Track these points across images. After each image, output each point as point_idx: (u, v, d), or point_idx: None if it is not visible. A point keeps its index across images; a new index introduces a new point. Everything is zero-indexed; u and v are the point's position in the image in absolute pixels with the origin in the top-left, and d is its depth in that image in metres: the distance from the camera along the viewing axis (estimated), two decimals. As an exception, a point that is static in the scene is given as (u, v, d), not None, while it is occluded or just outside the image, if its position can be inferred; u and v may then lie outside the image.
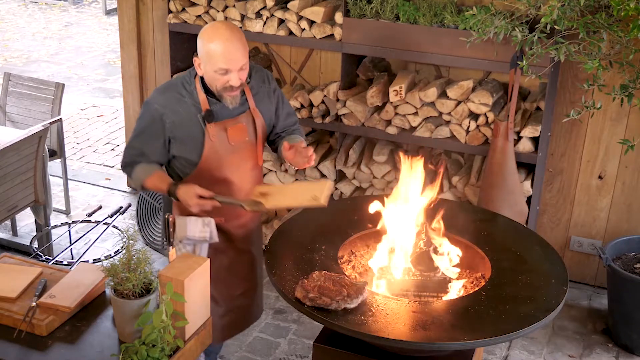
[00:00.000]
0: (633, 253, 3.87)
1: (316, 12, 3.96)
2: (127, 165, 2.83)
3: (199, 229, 2.67)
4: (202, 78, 2.71)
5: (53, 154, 4.78)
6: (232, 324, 3.05)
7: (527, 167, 3.93)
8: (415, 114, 3.88)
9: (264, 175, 4.30)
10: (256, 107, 2.82)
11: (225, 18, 4.18)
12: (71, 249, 4.38)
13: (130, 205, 4.35)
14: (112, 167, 5.86)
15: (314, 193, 2.59)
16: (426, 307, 2.48)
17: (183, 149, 2.75)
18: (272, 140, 3.01)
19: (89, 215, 4.33)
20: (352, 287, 2.46)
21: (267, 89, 2.89)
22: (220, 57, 2.59)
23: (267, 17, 4.10)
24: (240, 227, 2.92)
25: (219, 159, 2.75)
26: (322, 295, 2.41)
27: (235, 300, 3.00)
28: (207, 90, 2.71)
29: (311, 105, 4.14)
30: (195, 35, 4.53)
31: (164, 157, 2.80)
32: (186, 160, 2.77)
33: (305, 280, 2.49)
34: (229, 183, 2.80)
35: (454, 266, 2.75)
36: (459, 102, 3.80)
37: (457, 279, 2.74)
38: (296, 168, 3.02)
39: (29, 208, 4.29)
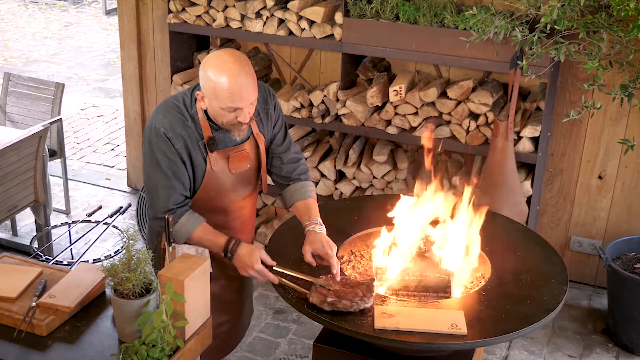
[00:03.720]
0: (633, 253, 3.87)
1: (316, 12, 3.96)
2: (163, 216, 2.48)
3: (194, 248, 2.57)
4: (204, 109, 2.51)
5: (53, 154, 4.78)
6: (218, 349, 2.89)
7: (527, 167, 3.93)
8: (415, 114, 3.88)
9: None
10: (259, 132, 2.67)
11: (225, 18, 4.18)
12: (71, 249, 4.38)
13: (130, 205, 4.35)
14: (112, 167, 5.87)
15: (453, 321, 2.36)
16: (426, 307, 2.48)
17: (189, 173, 2.56)
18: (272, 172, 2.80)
19: (89, 215, 4.33)
20: (362, 286, 2.45)
21: (269, 108, 2.71)
22: (229, 95, 2.38)
23: (267, 17, 4.10)
24: None
25: (219, 188, 2.60)
26: (342, 299, 2.38)
27: (222, 326, 2.87)
28: (209, 116, 2.52)
29: (311, 105, 4.14)
30: (196, 35, 4.57)
31: (189, 185, 2.55)
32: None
33: (319, 286, 2.44)
34: (226, 212, 2.67)
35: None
36: (459, 102, 3.80)
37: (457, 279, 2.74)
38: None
39: (29, 208, 4.29)
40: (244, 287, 2.97)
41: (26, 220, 4.81)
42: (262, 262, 2.51)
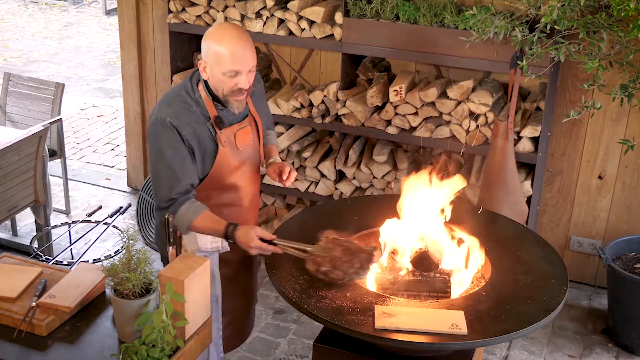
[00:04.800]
0: (633, 253, 3.87)
1: (316, 12, 3.96)
2: (168, 206, 2.58)
3: (210, 240, 2.62)
4: (205, 84, 2.61)
5: (53, 154, 4.78)
6: (233, 336, 3.00)
7: (527, 167, 3.93)
8: (415, 114, 3.88)
9: (264, 175, 4.30)
10: (255, 111, 2.80)
11: (225, 18, 4.18)
12: (71, 249, 4.38)
13: (130, 205, 4.36)
14: (112, 167, 5.87)
15: (454, 321, 2.36)
16: (426, 307, 2.48)
17: (197, 160, 2.63)
18: None
19: (89, 215, 4.33)
20: (362, 255, 2.40)
21: (260, 89, 2.86)
22: (230, 58, 2.49)
23: (267, 17, 4.10)
24: None
25: (229, 165, 2.68)
26: (335, 269, 2.33)
27: (235, 311, 2.96)
28: (212, 97, 2.62)
29: (311, 105, 4.14)
30: (196, 35, 4.57)
31: (196, 176, 2.63)
32: (198, 171, 2.66)
33: (315, 253, 2.40)
34: (237, 189, 2.75)
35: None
36: (459, 102, 3.80)
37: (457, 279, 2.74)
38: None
39: (29, 208, 4.29)
40: (254, 273, 3.04)
41: (26, 220, 4.81)
42: (262, 239, 2.58)
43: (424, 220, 2.78)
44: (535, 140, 3.76)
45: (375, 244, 2.81)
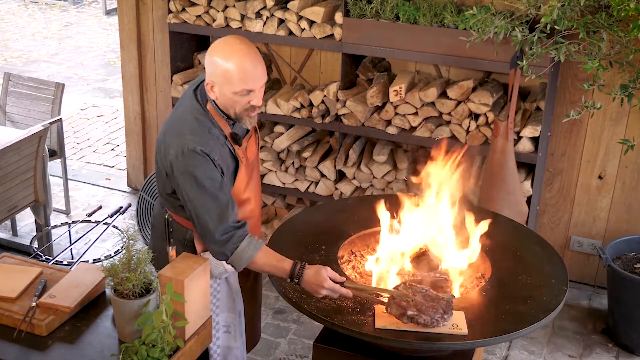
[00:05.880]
0: (633, 253, 3.87)
1: (316, 12, 3.96)
2: (228, 239, 2.39)
3: (214, 265, 2.49)
4: (214, 101, 2.45)
5: (53, 154, 4.78)
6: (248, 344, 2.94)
7: (527, 167, 3.93)
8: (415, 114, 3.88)
9: (264, 175, 4.31)
10: None
11: (225, 18, 4.18)
12: (71, 249, 4.38)
13: (130, 205, 4.35)
14: (112, 167, 5.87)
15: (454, 321, 2.37)
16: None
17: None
18: None
19: (89, 215, 4.33)
20: (442, 302, 2.35)
21: None
22: (242, 77, 2.32)
23: (267, 17, 4.10)
24: None
25: (246, 179, 2.57)
26: (422, 313, 2.29)
27: (249, 319, 2.90)
28: (221, 110, 2.47)
29: (311, 105, 4.14)
30: (196, 35, 4.57)
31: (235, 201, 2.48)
32: None
33: (396, 298, 2.33)
34: (251, 201, 2.64)
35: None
36: (459, 102, 3.80)
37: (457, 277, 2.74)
38: None
39: (29, 208, 4.29)
40: (258, 282, 2.98)
41: (26, 220, 4.81)
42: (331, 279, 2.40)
43: (426, 221, 2.78)
44: (535, 140, 3.76)
45: (373, 247, 2.81)
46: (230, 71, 2.33)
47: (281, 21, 4.11)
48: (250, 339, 3.00)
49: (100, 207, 4.35)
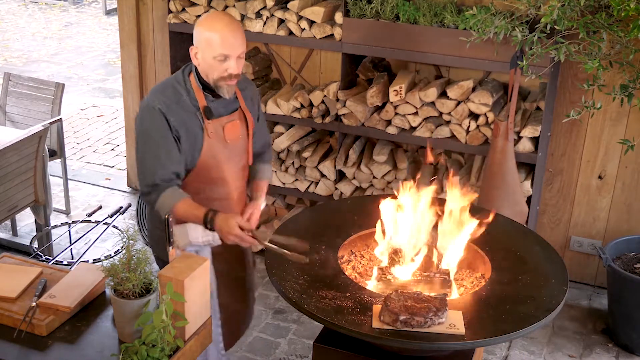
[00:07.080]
0: (633, 253, 3.87)
1: (316, 12, 3.96)
2: (151, 191, 2.62)
3: (200, 234, 2.64)
4: (197, 75, 2.65)
5: (53, 154, 4.78)
6: (228, 333, 2.99)
7: (527, 167, 3.93)
8: (415, 114, 3.88)
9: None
10: (246, 107, 2.81)
11: (225, 18, 4.18)
12: (71, 249, 4.38)
13: (130, 205, 4.36)
14: (112, 167, 5.87)
15: (451, 321, 2.36)
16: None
17: (184, 149, 2.67)
18: None
19: (89, 215, 4.33)
20: (435, 301, 2.36)
21: (251, 92, 2.87)
22: (220, 42, 2.55)
23: (267, 17, 4.10)
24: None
25: (216, 157, 2.71)
26: (414, 316, 2.29)
27: (232, 305, 2.98)
28: (203, 87, 2.67)
29: (311, 105, 4.14)
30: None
31: (182, 165, 2.66)
32: (187, 160, 2.71)
33: (389, 304, 2.34)
34: (224, 182, 2.77)
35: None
36: (459, 102, 3.80)
37: (457, 279, 2.74)
38: None
39: (29, 208, 4.29)
40: (250, 265, 3.07)
41: (26, 220, 4.81)
42: (242, 228, 2.59)
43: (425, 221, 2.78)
44: (535, 140, 3.76)
45: (373, 247, 2.81)
46: (211, 37, 2.57)
47: (281, 21, 4.11)
48: (235, 329, 3.06)
49: (100, 207, 4.35)
